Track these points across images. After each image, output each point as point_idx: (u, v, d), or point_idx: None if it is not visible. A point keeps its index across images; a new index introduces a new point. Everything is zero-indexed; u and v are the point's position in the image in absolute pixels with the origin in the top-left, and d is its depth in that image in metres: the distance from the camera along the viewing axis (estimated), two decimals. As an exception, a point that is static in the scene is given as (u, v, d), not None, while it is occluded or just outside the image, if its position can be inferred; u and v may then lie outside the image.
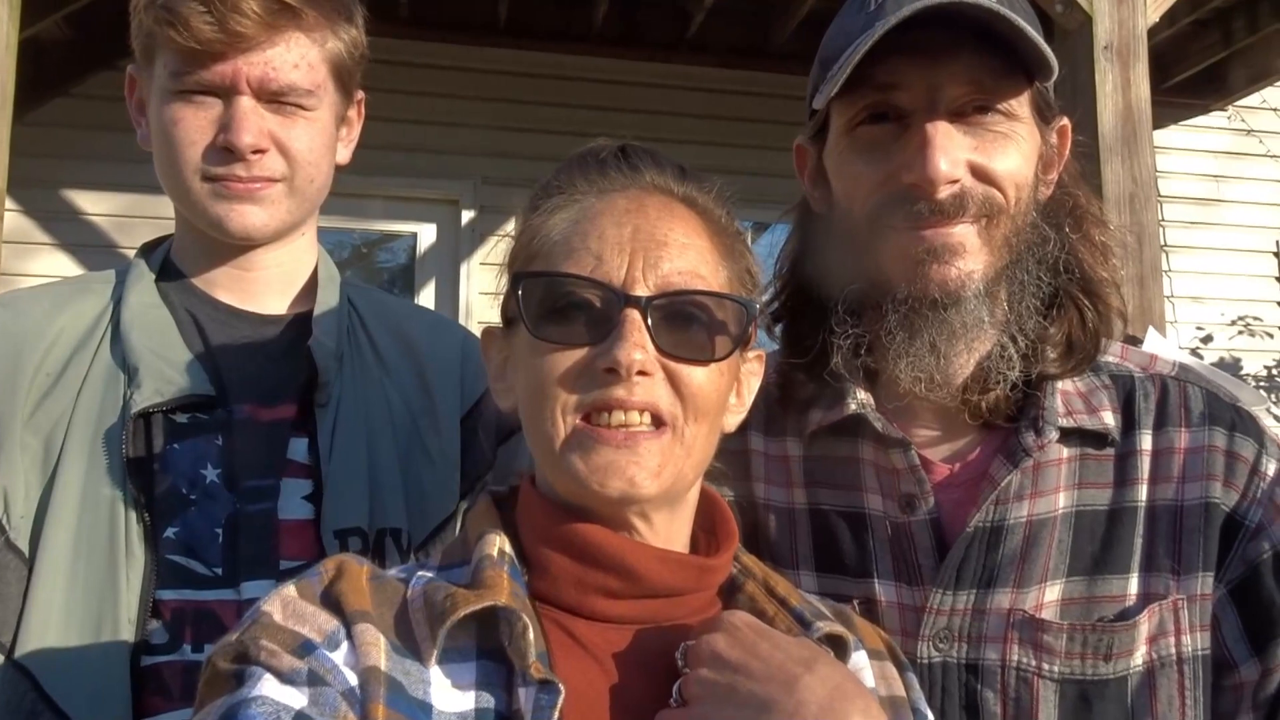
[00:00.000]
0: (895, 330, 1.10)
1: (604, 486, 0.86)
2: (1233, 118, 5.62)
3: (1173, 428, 1.15)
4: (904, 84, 1.07)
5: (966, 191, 1.08)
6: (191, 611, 1.18)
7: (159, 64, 1.25)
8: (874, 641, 1.00)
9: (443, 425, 1.36)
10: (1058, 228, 1.15)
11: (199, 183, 1.24)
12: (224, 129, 1.22)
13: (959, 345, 1.11)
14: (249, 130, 1.22)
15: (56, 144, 4.42)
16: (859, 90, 1.08)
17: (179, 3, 1.20)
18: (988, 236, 1.10)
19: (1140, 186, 2.89)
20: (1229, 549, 1.11)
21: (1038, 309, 1.13)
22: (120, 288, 1.30)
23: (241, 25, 1.19)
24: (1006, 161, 1.09)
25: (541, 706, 0.80)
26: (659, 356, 0.88)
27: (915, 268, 1.09)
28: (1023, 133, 1.11)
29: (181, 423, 1.23)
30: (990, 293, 1.11)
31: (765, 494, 1.20)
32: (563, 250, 0.91)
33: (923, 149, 1.06)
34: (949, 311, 1.09)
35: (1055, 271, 1.14)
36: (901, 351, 1.10)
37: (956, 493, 1.14)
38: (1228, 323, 5.50)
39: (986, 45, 1.05)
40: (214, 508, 1.21)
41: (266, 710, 0.77)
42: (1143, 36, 3.04)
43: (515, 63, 4.88)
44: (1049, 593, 1.10)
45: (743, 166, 4.68)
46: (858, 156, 1.12)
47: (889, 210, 1.09)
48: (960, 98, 1.07)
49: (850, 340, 1.14)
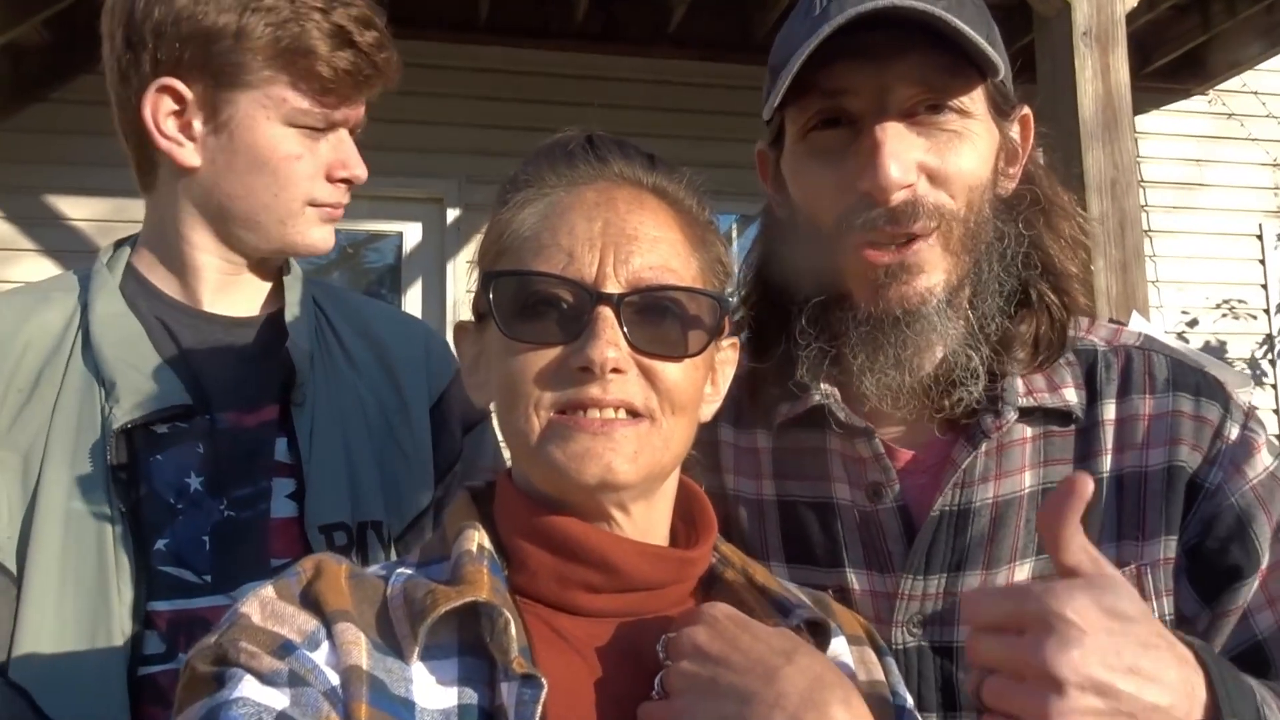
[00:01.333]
0: (858, 347, 1.10)
1: (581, 473, 0.86)
2: (1213, 101, 5.64)
3: (1136, 395, 1.14)
4: (852, 88, 1.06)
5: (919, 198, 1.07)
6: (186, 621, 1.18)
7: (262, 90, 1.25)
8: (852, 627, 1.01)
9: (414, 419, 1.38)
10: (1018, 222, 1.14)
11: (307, 208, 1.32)
12: (342, 165, 1.33)
13: (923, 359, 1.11)
14: (361, 164, 1.35)
15: (37, 149, 4.39)
16: (809, 96, 1.07)
17: (314, 40, 1.24)
18: (944, 245, 1.09)
19: (1122, 172, 2.91)
20: (1190, 511, 1.10)
21: (1001, 309, 1.13)
22: (85, 294, 1.29)
23: (373, 74, 1.30)
24: (960, 161, 1.08)
25: (524, 701, 0.80)
26: (633, 353, 0.87)
27: (875, 289, 1.08)
28: (978, 129, 1.09)
29: (161, 433, 1.23)
30: (952, 302, 1.10)
31: (735, 485, 1.20)
32: (533, 246, 0.90)
33: (873, 155, 1.04)
34: (911, 327, 1.08)
35: (1019, 267, 1.13)
36: (865, 367, 1.10)
37: (922, 478, 1.14)
38: (1212, 306, 5.53)
39: (935, 43, 1.04)
40: (199, 516, 1.21)
41: (248, 712, 0.76)
42: (1121, 21, 3.05)
43: (497, 60, 4.87)
44: (1019, 572, 1.10)
45: (725, 159, 4.66)
46: (812, 163, 1.11)
47: (848, 224, 1.08)
48: (910, 98, 1.06)
49: (814, 352, 1.13)
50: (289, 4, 1.24)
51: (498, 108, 4.83)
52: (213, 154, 1.27)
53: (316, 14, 1.25)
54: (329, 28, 1.25)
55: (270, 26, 1.23)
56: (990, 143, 1.12)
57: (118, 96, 1.30)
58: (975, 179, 1.10)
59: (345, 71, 1.26)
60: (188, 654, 1.13)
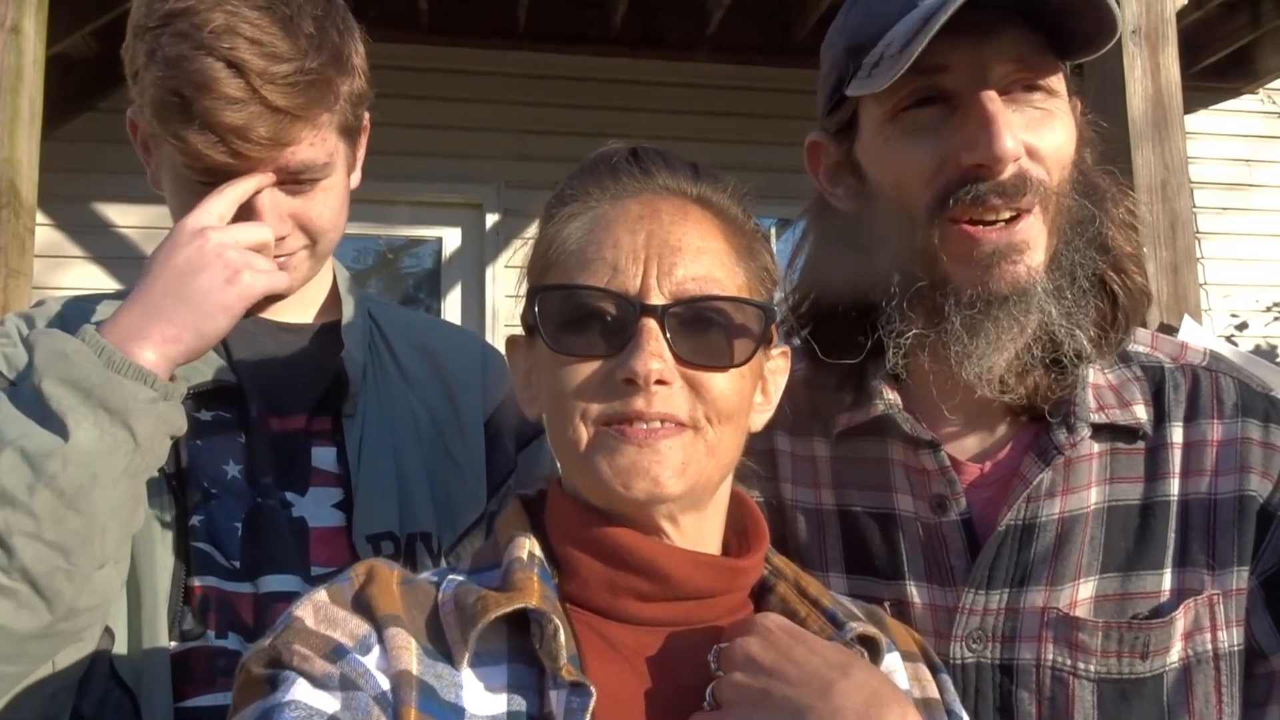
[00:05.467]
0: (961, 331, 1.07)
1: (629, 488, 0.85)
2: (1264, 100, 5.52)
3: (1204, 420, 1.12)
4: (952, 65, 1.04)
5: (1024, 171, 1.04)
6: (215, 599, 1.19)
7: (167, 148, 1.21)
8: (906, 643, 0.99)
9: (467, 432, 1.38)
10: (1099, 204, 1.12)
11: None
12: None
13: (1020, 340, 1.07)
14: (270, 222, 1.22)
15: (85, 158, 4.48)
16: (902, 75, 1.04)
17: (187, 131, 1.15)
18: (1046, 223, 1.07)
19: (1172, 173, 2.85)
20: (1263, 540, 1.08)
21: (1089, 289, 1.10)
22: None
23: (254, 151, 1.17)
24: (1054, 139, 1.07)
25: (573, 709, 0.79)
26: (678, 365, 0.87)
27: (983, 270, 1.05)
28: (1063, 109, 1.09)
29: (205, 420, 1.25)
30: (1054, 282, 1.08)
31: (793, 495, 1.19)
32: (578, 260, 0.90)
33: (986, 126, 1.02)
34: (1018, 307, 1.05)
35: (1098, 250, 1.11)
36: (967, 352, 1.07)
37: (987, 492, 1.12)
38: (1263, 309, 5.41)
39: (1026, 22, 1.03)
40: (234, 503, 1.23)
41: (300, 714, 0.77)
42: (1172, 20, 2.99)
43: (535, 66, 4.89)
44: (1083, 590, 1.08)
45: (765, 163, 4.66)
46: (906, 141, 1.07)
47: (950, 200, 1.05)
48: (1007, 75, 1.05)
49: (909, 339, 1.10)
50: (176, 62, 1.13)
51: (536, 113, 4.85)
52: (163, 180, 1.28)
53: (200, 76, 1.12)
54: (206, 105, 1.13)
55: (154, 88, 1.16)
56: (1073, 123, 1.11)
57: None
58: (1067, 157, 1.08)
59: (217, 155, 1.16)
60: (216, 634, 1.17)
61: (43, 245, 3.86)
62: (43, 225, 4.07)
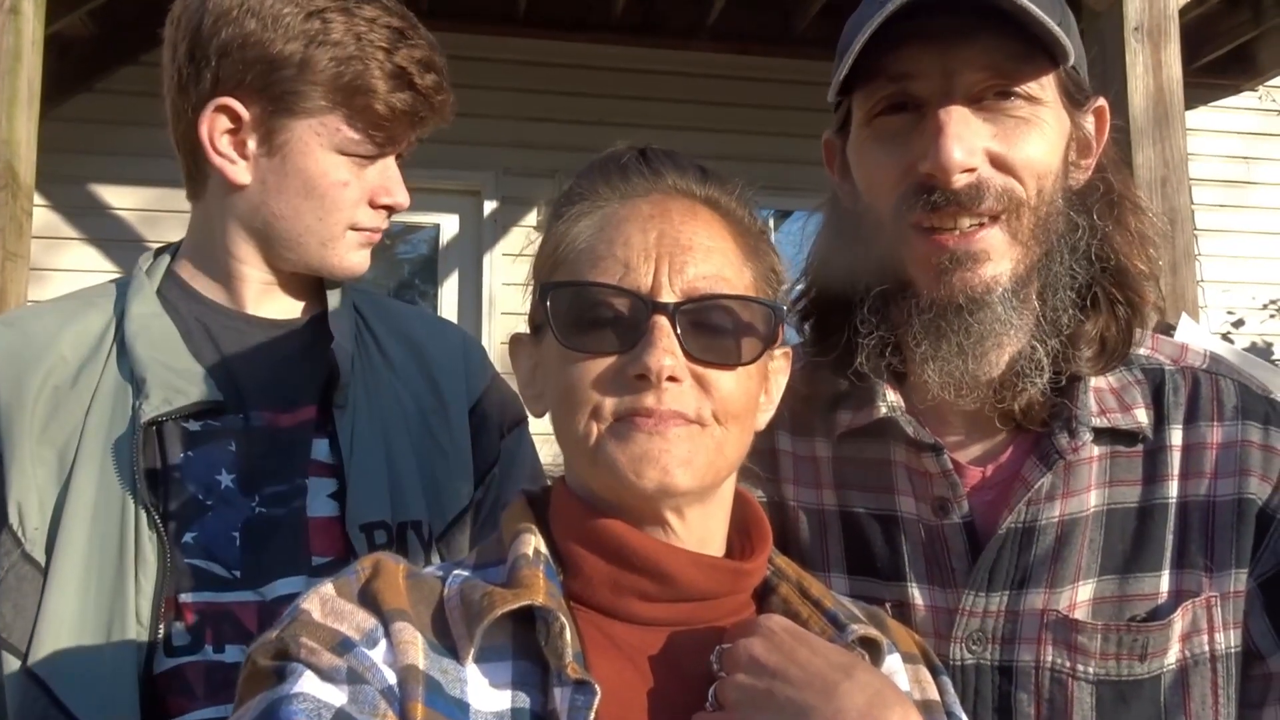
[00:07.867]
0: (920, 335, 1.08)
1: (641, 477, 0.86)
2: (1263, 98, 5.53)
3: (1204, 422, 1.13)
4: (919, 72, 1.04)
5: (984, 181, 1.04)
6: (214, 614, 1.20)
7: (318, 119, 1.27)
8: (907, 644, 1.00)
9: (452, 420, 1.39)
10: (1089, 215, 1.11)
11: (348, 233, 1.34)
12: (386, 192, 1.35)
13: (987, 347, 1.08)
14: (404, 192, 1.38)
15: (83, 139, 4.46)
16: (876, 81, 1.06)
17: (375, 80, 1.26)
18: (1012, 234, 1.07)
19: (1172, 170, 2.85)
20: (1261, 543, 1.09)
21: (1073, 302, 1.10)
22: (122, 301, 1.32)
23: (426, 111, 1.33)
24: (1027, 149, 1.06)
25: (577, 707, 0.80)
26: (688, 362, 0.88)
27: (939, 275, 1.06)
28: (1047, 117, 1.07)
29: (194, 430, 1.25)
30: (1019, 292, 1.08)
31: (795, 495, 1.19)
32: (589, 258, 0.91)
33: (936, 137, 1.03)
34: (974, 315, 1.06)
35: (1089, 262, 1.11)
36: (928, 356, 1.08)
37: (989, 494, 1.12)
38: (1259, 306, 5.43)
39: (1006, 28, 1.02)
40: (229, 513, 1.23)
41: (308, 707, 0.77)
42: (1174, 16, 3.00)
43: (535, 53, 4.88)
44: (1081, 592, 1.09)
45: (764, 154, 4.65)
46: (876, 147, 1.09)
47: (909, 205, 1.06)
48: (978, 83, 1.04)
49: (875, 340, 1.12)
50: (354, 40, 1.26)
51: (536, 101, 4.84)
52: (264, 174, 1.29)
53: (380, 53, 1.27)
54: (390, 69, 1.27)
55: (334, 61, 1.25)
56: (1060, 131, 1.09)
57: (174, 105, 1.32)
58: (1043, 167, 1.07)
59: (401, 111, 1.30)
60: (213, 648, 1.17)
61: (40, 227, 3.84)
62: (40, 206, 4.06)
